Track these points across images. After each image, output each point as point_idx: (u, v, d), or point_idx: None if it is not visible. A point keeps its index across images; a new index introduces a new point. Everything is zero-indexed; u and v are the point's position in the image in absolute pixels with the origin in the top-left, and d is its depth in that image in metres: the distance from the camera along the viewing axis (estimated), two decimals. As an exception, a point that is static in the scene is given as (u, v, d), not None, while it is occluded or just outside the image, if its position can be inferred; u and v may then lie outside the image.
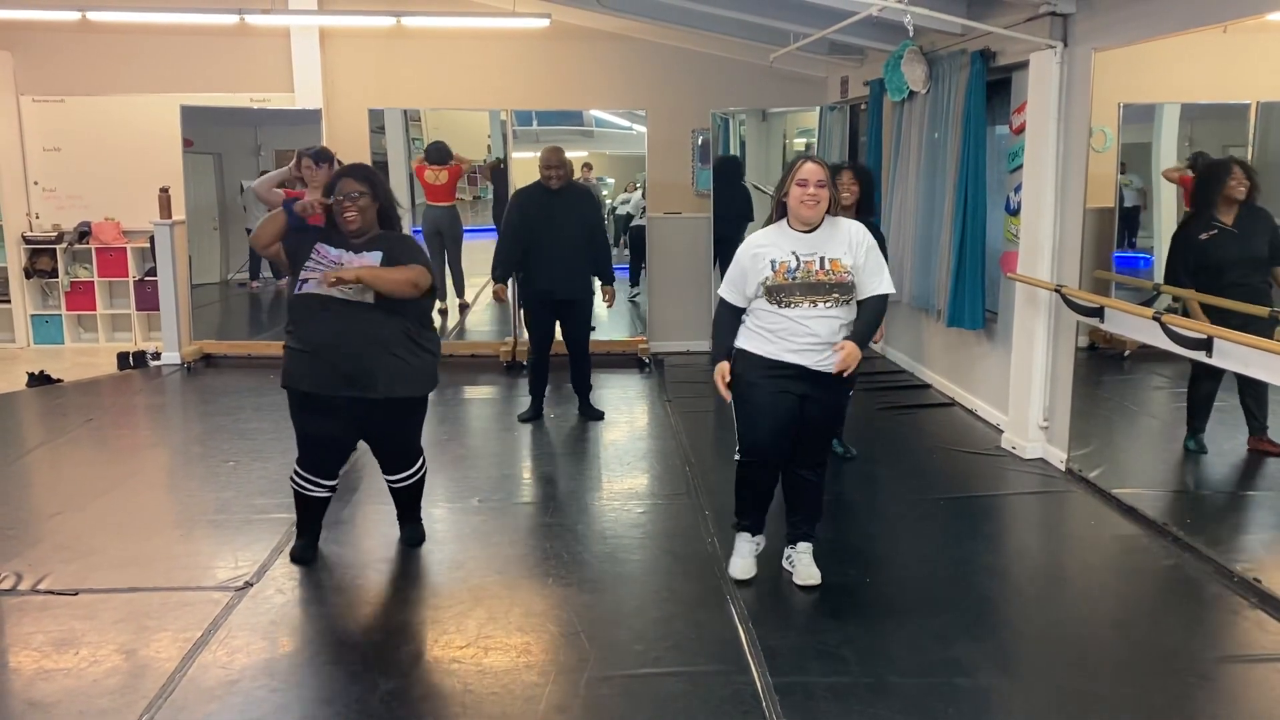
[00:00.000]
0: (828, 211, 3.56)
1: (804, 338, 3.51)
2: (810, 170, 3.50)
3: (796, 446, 3.69)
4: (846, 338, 3.56)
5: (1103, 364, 5.18)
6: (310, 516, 4.03)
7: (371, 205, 3.76)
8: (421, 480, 4.13)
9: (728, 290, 3.67)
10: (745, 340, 3.64)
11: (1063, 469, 5.01)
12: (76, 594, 3.70)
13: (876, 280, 3.60)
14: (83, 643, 3.34)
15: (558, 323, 6.03)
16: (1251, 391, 4.21)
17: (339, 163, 5.35)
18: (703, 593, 3.73)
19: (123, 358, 7.66)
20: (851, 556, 4.08)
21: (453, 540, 4.24)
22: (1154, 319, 4.09)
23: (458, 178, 8.07)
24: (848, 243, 3.56)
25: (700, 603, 3.65)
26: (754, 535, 3.88)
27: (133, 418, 6.51)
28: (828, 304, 3.51)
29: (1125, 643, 3.35)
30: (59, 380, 7.20)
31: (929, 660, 3.22)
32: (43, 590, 3.73)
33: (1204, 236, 4.25)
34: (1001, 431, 5.57)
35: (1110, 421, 5.27)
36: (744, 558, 3.84)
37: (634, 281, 8.28)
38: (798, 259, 3.52)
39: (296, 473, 3.95)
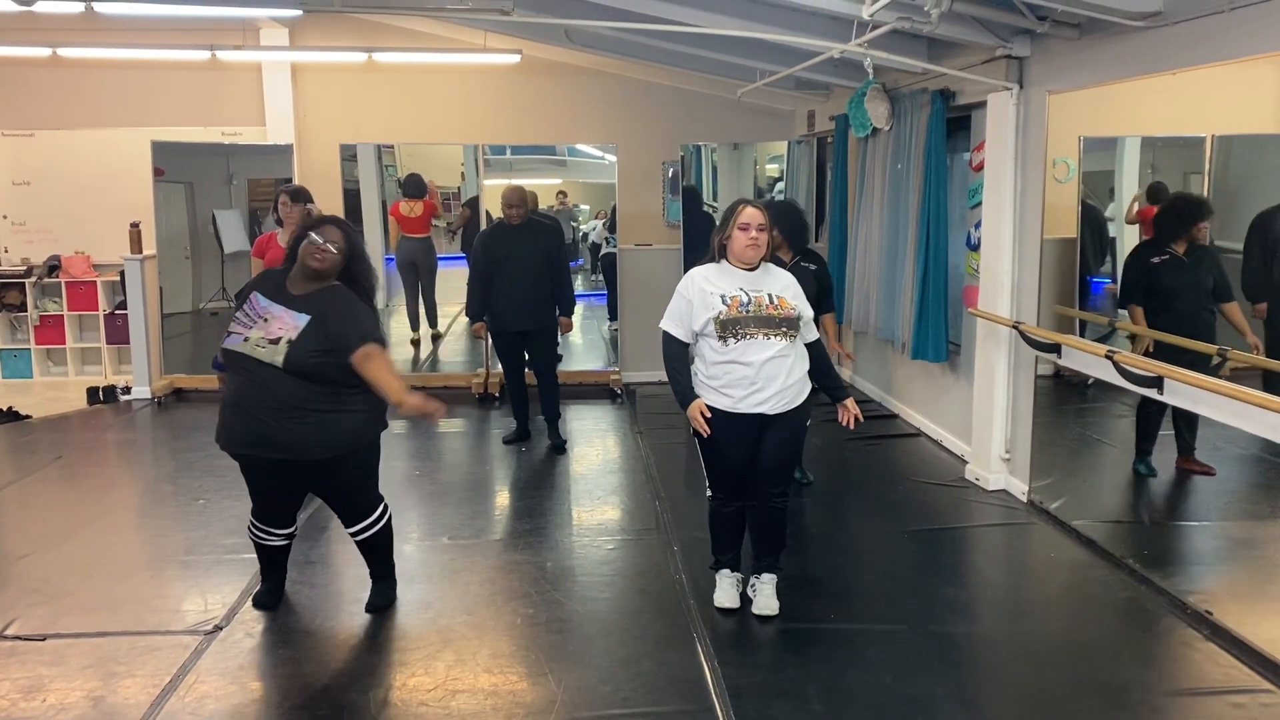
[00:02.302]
0: (765, 255, 3.73)
1: (762, 387, 3.63)
2: (751, 215, 3.67)
3: (758, 475, 3.78)
4: (834, 398, 3.90)
5: (1066, 392, 5.28)
6: (272, 564, 4.00)
7: (341, 262, 3.67)
8: (384, 531, 3.94)
9: (671, 324, 3.78)
10: (704, 394, 3.74)
11: (1024, 500, 5.11)
12: (44, 639, 3.70)
13: (810, 326, 3.85)
14: (50, 689, 3.34)
15: (526, 352, 6.33)
16: (1183, 414, 4.33)
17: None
18: (670, 630, 3.78)
19: (92, 392, 7.64)
20: (816, 591, 4.14)
21: (422, 579, 4.26)
22: (1106, 357, 4.20)
23: (432, 211, 8.14)
24: (783, 285, 3.75)
25: (667, 641, 3.70)
26: (733, 571, 4.01)
27: (102, 455, 6.50)
28: (777, 337, 3.63)
29: (1082, 676, 3.42)
30: (28, 416, 7.18)
31: (890, 697, 3.28)
32: (10, 636, 3.73)
33: (1155, 260, 4.42)
34: (965, 462, 5.67)
35: (1072, 451, 5.38)
36: (727, 590, 3.96)
37: (612, 315, 8.34)
38: (748, 294, 3.66)
39: (253, 523, 3.89)
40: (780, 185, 8.48)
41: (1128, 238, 4.97)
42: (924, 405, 6.58)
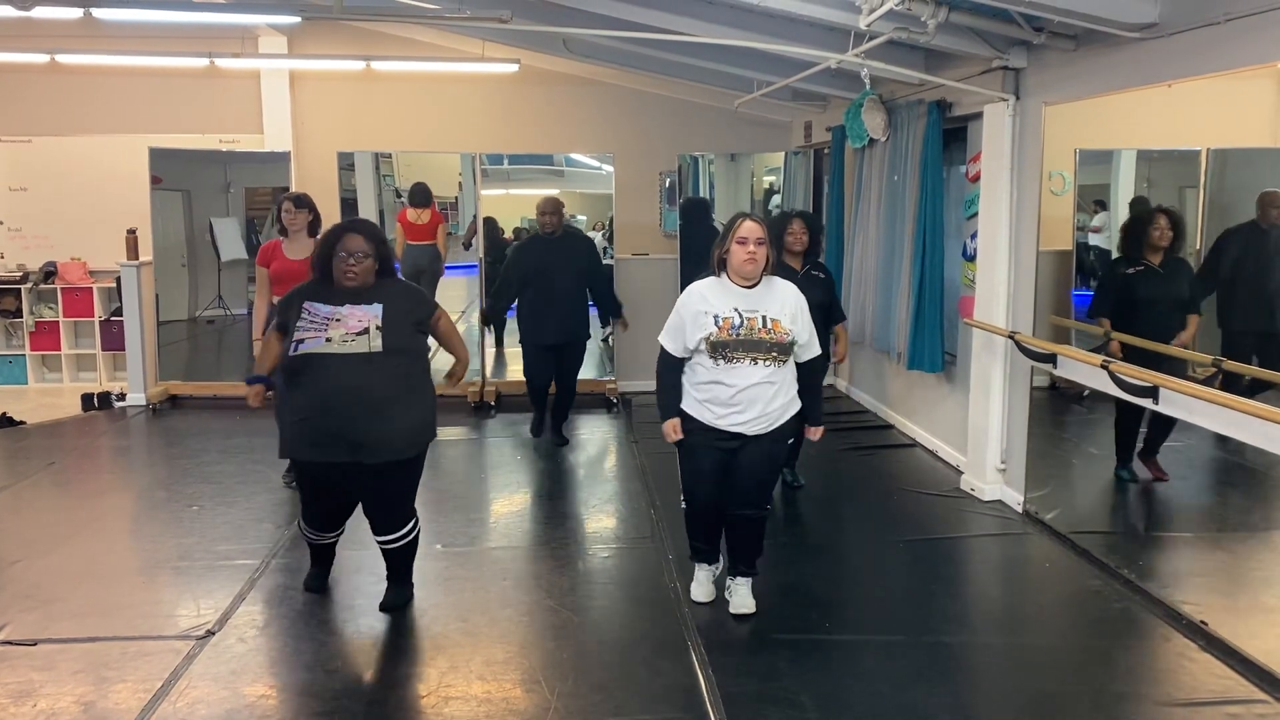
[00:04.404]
0: (765, 269, 3.68)
1: (741, 410, 3.65)
2: (750, 228, 3.62)
3: (734, 491, 3.84)
4: (808, 421, 3.91)
5: (1062, 404, 5.28)
6: (323, 555, 4.20)
7: (373, 266, 3.76)
8: (415, 541, 4.02)
9: (667, 339, 3.79)
10: (688, 405, 3.78)
11: (1020, 511, 5.10)
12: (36, 644, 3.68)
13: (811, 344, 3.83)
14: (40, 695, 3.32)
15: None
16: (1158, 418, 4.32)
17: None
18: (664, 638, 3.77)
19: (87, 399, 7.62)
20: (811, 600, 4.14)
21: (416, 587, 4.22)
22: (1101, 366, 4.20)
23: (439, 220, 8.18)
24: (782, 303, 3.71)
25: (661, 649, 3.68)
26: (710, 564, 4.10)
27: (96, 461, 6.48)
28: (767, 363, 3.63)
29: (1077, 686, 3.41)
30: (21, 422, 7.15)
31: (885, 706, 3.27)
32: (1, 641, 3.70)
33: (1130, 271, 4.45)
34: (961, 473, 5.66)
35: (1068, 462, 5.37)
36: (702, 584, 4.07)
37: (604, 322, 8.34)
38: (741, 315, 3.63)
39: (303, 526, 4.05)
40: (776, 198, 8.50)
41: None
42: (920, 416, 6.58)
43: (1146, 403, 4.00)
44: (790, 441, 3.88)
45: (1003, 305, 5.18)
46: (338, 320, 3.66)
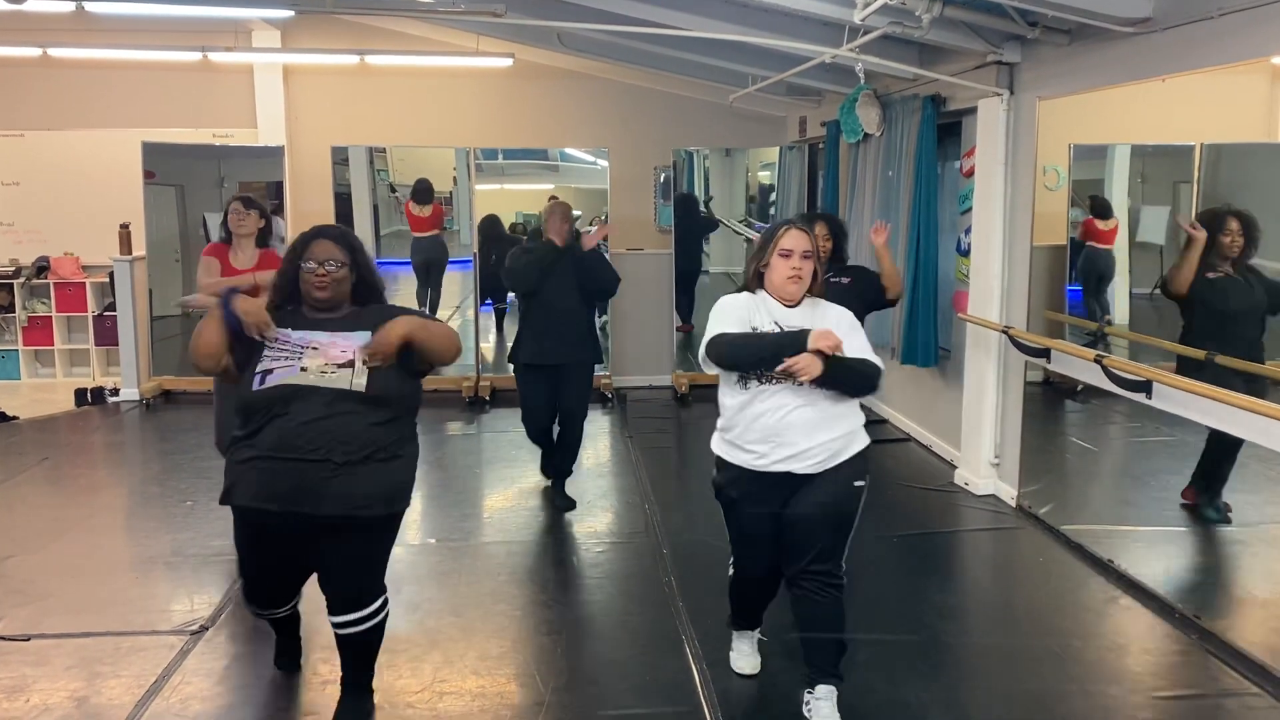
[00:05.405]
0: (811, 288, 3.10)
1: (790, 442, 2.99)
2: (796, 239, 3.02)
3: (793, 548, 3.08)
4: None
5: (1056, 399, 5.30)
6: (286, 627, 3.45)
7: (348, 277, 3.11)
8: (381, 626, 3.15)
9: (716, 326, 3.05)
10: (724, 450, 3.15)
11: (1013, 505, 5.11)
12: (29, 639, 3.67)
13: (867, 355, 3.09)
14: (33, 690, 3.32)
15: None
16: (1213, 459, 4.18)
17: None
18: (658, 634, 3.77)
19: (80, 394, 7.61)
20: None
21: (410, 582, 4.24)
22: (1095, 361, 4.21)
23: (442, 212, 8.20)
24: (835, 324, 3.04)
25: (656, 644, 3.69)
26: (752, 630, 3.50)
27: (90, 456, 6.46)
28: (811, 384, 2.96)
29: (1069, 680, 3.42)
30: (14, 417, 7.13)
31: (879, 701, 3.28)
32: (-6, 636, 3.71)
33: (1210, 275, 4.03)
34: (955, 467, 5.67)
35: (1061, 457, 5.39)
36: (745, 654, 3.47)
37: (602, 310, 8.32)
38: (781, 330, 3.02)
39: (248, 605, 3.30)
40: (772, 195, 8.53)
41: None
42: (913, 410, 6.59)
43: (1139, 397, 4.01)
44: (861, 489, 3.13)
45: (997, 300, 5.18)
46: (314, 348, 2.99)
